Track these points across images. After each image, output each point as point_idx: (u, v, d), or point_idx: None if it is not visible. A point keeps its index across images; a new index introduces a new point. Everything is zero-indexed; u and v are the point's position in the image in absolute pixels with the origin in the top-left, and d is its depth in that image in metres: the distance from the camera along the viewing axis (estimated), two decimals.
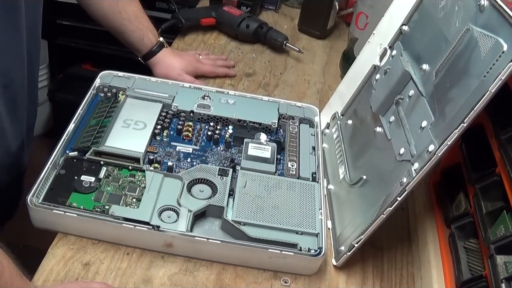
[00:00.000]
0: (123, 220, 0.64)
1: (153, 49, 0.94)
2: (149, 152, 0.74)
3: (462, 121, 0.52)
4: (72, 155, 0.71)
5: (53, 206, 0.64)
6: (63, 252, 0.64)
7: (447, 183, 0.69)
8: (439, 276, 0.63)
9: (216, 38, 1.13)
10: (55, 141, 0.71)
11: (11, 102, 0.75)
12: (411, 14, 0.70)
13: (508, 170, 0.52)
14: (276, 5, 1.27)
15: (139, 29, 0.92)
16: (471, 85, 0.53)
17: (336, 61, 1.09)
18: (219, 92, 0.87)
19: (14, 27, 0.70)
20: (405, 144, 0.62)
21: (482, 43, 0.53)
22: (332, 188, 0.78)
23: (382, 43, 0.75)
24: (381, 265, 0.70)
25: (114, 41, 0.95)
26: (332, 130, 0.85)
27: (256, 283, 0.65)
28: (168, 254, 0.65)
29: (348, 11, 1.20)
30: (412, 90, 0.64)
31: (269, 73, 1.05)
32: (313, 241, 0.66)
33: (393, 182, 0.61)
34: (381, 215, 0.60)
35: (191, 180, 0.70)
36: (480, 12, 0.55)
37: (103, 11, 0.90)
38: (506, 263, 0.50)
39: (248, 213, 0.67)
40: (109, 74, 0.85)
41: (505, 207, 0.54)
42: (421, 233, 0.71)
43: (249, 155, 0.76)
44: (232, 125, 0.82)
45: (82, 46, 1.61)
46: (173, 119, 0.81)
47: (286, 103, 0.87)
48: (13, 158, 0.81)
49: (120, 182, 0.69)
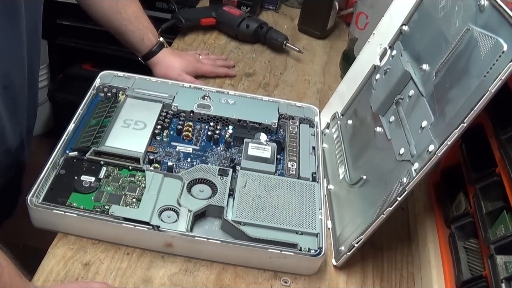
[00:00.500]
0: (123, 220, 0.64)
1: (153, 49, 0.94)
2: (149, 152, 0.74)
3: (462, 121, 0.52)
4: (72, 155, 0.71)
5: (53, 206, 0.64)
6: (63, 252, 0.64)
7: (447, 183, 0.69)
8: (439, 276, 0.63)
9: (216, 38, 1.13)
10: (55, 141, 0.71)
11: (11, 103, 0.75)
12: (411, 14, 0.70)
13: (508, 170, 0.52)
14: (276, 5, 1.27)
15: (139, 29, 0.92)
16: (471, 85, 0.53)
17: (336, 61, 1.09)
18: (219, 92, 0.87)
19: (14, 28, 0.70)
20: (405, 144, 0.62)
21: (482, 43, 0.53)
22: (332, 188, 0.78)
23: (382, 43, 0.75)
24: (381, 265, 0.70)
25: (114, 41, 0.95)
26: (332, 130, 0.85)
27: (256, 283, 0.65)
28: (168, 254, 0.65)
29: (348, 11, 1.20)
30: (412, 90, 0.64)
31: (269, 73, 1.05)
32: (313, 241, 0.66)
33: (393, 182, 0.61)
34: (381, 215, 0.60)
35: (191, 180, 0.70)
36: (480, 12, 0.55)
37: (103, 12, 0.90)
38: (506, 263, 0.50)
39: (248, 213, 0.67)
40: (109, 74, 0.85)
41: (505, 207, 0.54)
42: (421, 233, 0.71)
43: (249, 155, 0.76)
44: (232, 125, 0.82)
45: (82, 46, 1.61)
46: (173, 119, 0.81)
47: (286, 103, 0.87)
48: (12, 159, 0.81)
49: (120, 182, 0.69)
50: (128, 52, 0.97)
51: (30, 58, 0.77)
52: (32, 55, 0.78)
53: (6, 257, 0.54)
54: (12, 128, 0.77)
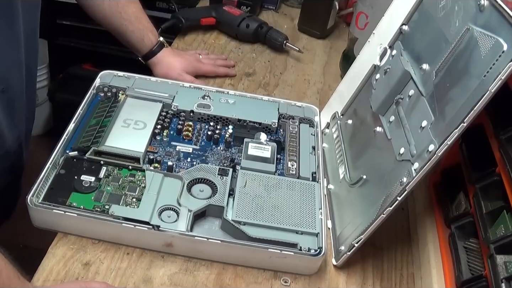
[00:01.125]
0: (123, 220, 0.63)
1: (153, 49, 0.94)
2: (149, 152, 0.74)
3: (462, 121, 0.52)
4: (72, 155, 0.71)
5: (53, 206, 0.64)
6: (63, 252, 0.64)
7: (447, 183, 0.69)
8: (439, 276, 0.63)
9: (216, 38, 1.13)
10: (55, 141, 0.71)
11: (9, 107, 0.75)
12: (411, 14, 0.70)
13: (508, 170, 0.52)
14: (276, 5, 1.27)
15: (139, 30, 0.92)
16: (471, 85, 0.53)
17: (336, 61, 1.09)
18: (219, 91, 0.87)
19: (11, 32, 0.70)
20: (405, 144, 0.62)
21: (482, 43, 0.53)
22: (332, 188, 0.78)
23: (382, 43, 0.75)
24: (381, 265, 0.70)
25: (114, 41, 0.95)
26: (332, 130, 0.85)
27: (256, 283, 0.65)
28: (168, 254, 0.65)
29: (348, 11, 1.20)
30: (412, 90, 0.64)
31: (269, 73, 1.05)
32: (313, 241, 0.66)
33: (393, 182, 0.61)
34: (381, 215, 0.60)
35: (191, 180, 0.70)
36: (480, 12, 0.55)
37: (104, 12, 0.90)
38: (506, 263, 0.50)
39: (248, 212, 0.67)
40: (109, 74, 0.85)
41: (505, 207, 0.54)
42: (421, 233, 0.71)
43: (249, 154, 0.76)
44: (232, 124, 0.82)
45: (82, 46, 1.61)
46: (173, 119, 0.81)
47: (286, 103, 0.87)
48: (11, 161, 0.81)
49: (120, 182, 0.69)
50: (128, 52, 0.97)
51: (27, 61, 0.77)
52: (29, 58, 0.78)
53: (4, 258, 0.54)
54: (10, 131, 0.77)
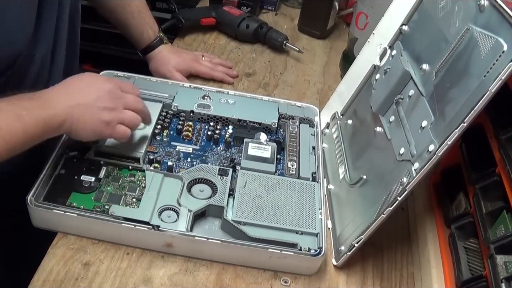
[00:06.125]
0: (123, 220, 0.64)
1: (151, 44, 0.95)
2: (149, 152, 0.74)
3: (462, 121, 0.52)
4: (72, 155, 0.71)
5: (53, 206, 0.64)
6: (63, 252, 0.64)
7: (447, 183, 0.69)
8: (439, 276, 0.63)
9: (216, 38, 1.13)
10: (55, 141, 0.71)
11: None
12: (411, 14, 0.70)
13: (508, 170, 0.52)
14: (276, 5, 1.27)
15: (140, 24, 0.94)
16: (471, 85, 0.53)
17: (336, 61, 1.09)
18: (219, 92, 0.87)
19: None
20: (405, 144, 0.62)
21: (482, 43, 0.53)
22: (332, 188, 0.78)
23: (382, 43, 0.75)
24: (381, 265, 0.70)
25: (114, 41, 0.95)
26: (332, 130, 0.85)
27: (256, 283, 0.65)
28: (168, 254, 0.65)
29: (348, 11, 1.21)
30: (412, 90, 0.64)
31: (269, 73, 1.05)
32: (313, 241, 0.66)
33: (393, 182, 0.61)
34: (381, 215, 0.60)
35: (191, 180, 0.70)
36: (480, 12, 0.55)
37: (110, 6, 0.92)
38: (506, 263, 0.50)
39: (248, 213, 0.67)
40: (109, 74, 0.85)
41: (505, 207, 0.54)
42: (421, 233, 0.71)
43: (249, 155, 0.76)
44: (232, 125, 0.82)
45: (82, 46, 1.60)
46: (173, 119, 0.81)
47: (286, 103, 0.87)
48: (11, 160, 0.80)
49: (120, 182, 0.69)
50: (128, 52, 0.97)
51: None
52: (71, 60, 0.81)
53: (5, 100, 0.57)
54: None
